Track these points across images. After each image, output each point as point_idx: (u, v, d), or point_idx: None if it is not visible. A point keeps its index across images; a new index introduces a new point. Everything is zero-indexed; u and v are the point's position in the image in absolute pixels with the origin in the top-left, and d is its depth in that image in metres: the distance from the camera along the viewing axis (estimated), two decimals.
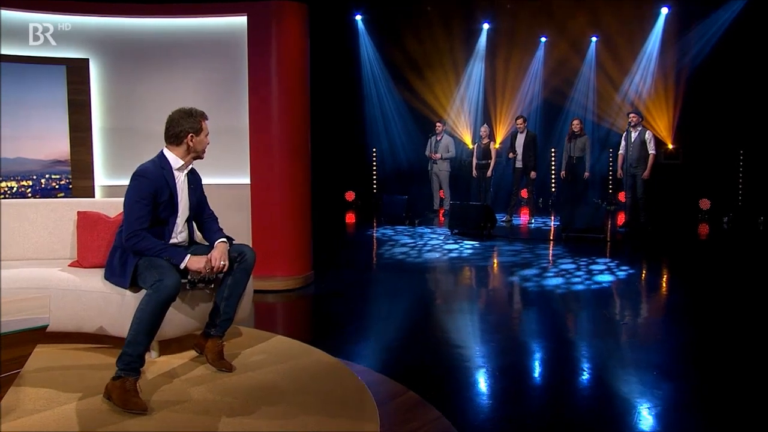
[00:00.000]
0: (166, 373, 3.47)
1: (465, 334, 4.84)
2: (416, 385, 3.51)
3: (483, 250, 8.36)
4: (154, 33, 6.34)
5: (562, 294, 6.08)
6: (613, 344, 4.64)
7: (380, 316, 5.41)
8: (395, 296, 6.17)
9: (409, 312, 5.58)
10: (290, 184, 6.39)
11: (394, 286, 6.57)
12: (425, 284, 6.76)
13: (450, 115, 13.50)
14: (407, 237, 9.47)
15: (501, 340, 4.65)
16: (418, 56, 13.04)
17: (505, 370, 4.02)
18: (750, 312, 5.51)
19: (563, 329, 5.12)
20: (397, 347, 4.49)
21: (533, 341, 4.74)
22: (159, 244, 3.36)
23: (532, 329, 5.06)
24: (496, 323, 5.17)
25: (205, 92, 6.45)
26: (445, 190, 11.77)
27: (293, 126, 6.37)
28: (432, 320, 5.33)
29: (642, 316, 5.56)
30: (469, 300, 6.07)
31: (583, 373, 4.03)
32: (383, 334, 4.82)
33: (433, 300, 6.12)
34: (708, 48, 12.03)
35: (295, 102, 6.38)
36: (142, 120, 6.33)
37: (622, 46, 12.81)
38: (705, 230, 10.82)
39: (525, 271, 7.12)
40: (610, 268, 7.19)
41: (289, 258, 6.44)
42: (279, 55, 6.25)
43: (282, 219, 6.38)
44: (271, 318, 5.66)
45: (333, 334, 4.83)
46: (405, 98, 13.33)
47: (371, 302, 5.95)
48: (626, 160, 9.75)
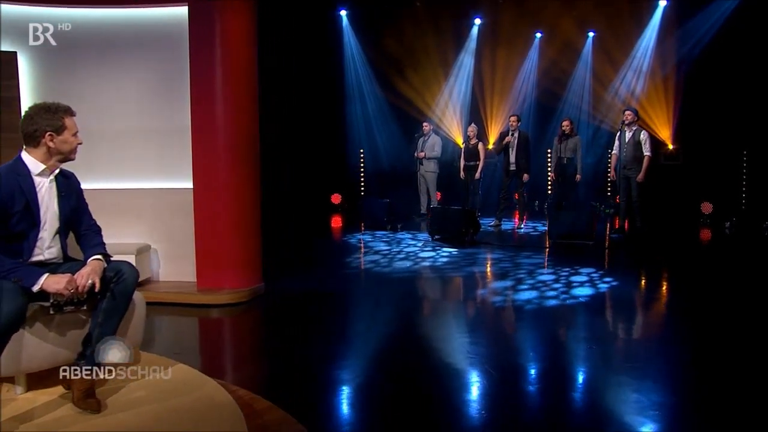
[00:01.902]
0: (24, 414, 2.95)
1: (401, 368, 4.25)
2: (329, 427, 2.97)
3: (459, 259, 7.79)
4: (89, 25, 5.85)
5: (531, 311, 5.50)
6: (569, 376, 4.06)
7: (316, 340, 4.83)
8: (343, 315, 5.59)
9: (349, 335, 5.02)
10: (237, 188, 5.89)
11: (347, 301, 6.02)
12: (381, 300, 6.13)
13: (437, 114, 12.90)
14: (384, 243, 8.92)
15: (437, 367, 4.10)
16: (406, 53, 12.47)
17: (433, 404, 3.46)
18: (750, 340, 4.88)
19: (514, 355, 4.50)
20: (320, 380, 3.94)
21: (470, 369, 4.13)
22: (7, 264, 2.84)
23: (481, 353, 4.46)
24: (443, 350, 4.61)
25: (145, 89, 6.01)
26: (432, 193, 11.15)
27: (240, 125, 5.86)
28: (370, 348, 4.71)
29: (614, 339, 4.94)
30: (424, 322, 5.44)
31: (510, 410, 3.47)
32: (309, 363, 4.26)
33: (381, 321, 5.45)
34: (708, 38, 11.31)
35: (242, 99, 5.87)
36: (78, 118, 5.83)
37: (619, 41, 12.16)
38: (705, 236, 10.17)
39: (498, 283, 6.55)
40: (593, 280, 6.59)
41: (237, 269, 5.93)
42: (224, 48, 5.75)
43: (228, 226, 5.88)
44: (199, 337, 5.14)
45: (257, 359, 4.32)
46: (391, 97, 12.74)
47: (314, 321, 5.35)
48: (619, 160, 9.12)
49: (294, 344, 4.69)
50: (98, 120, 5.79)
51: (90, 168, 5.90)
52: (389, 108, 12.87)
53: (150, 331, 5.23)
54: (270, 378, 4.05)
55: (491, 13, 12.72)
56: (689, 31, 11.60)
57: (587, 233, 8.52)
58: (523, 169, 10.02)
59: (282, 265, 7.31)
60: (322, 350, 4.47)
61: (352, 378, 3.94)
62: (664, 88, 11.84)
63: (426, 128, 11.04)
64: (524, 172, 10.03)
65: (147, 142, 5.98)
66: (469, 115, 12.89)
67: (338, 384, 3.84)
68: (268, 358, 4.51)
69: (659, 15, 12.00)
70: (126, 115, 5.95)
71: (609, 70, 12.43)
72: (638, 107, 10.98)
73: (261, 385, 3.76)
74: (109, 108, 5.90)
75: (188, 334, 5.29)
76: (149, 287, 5.97)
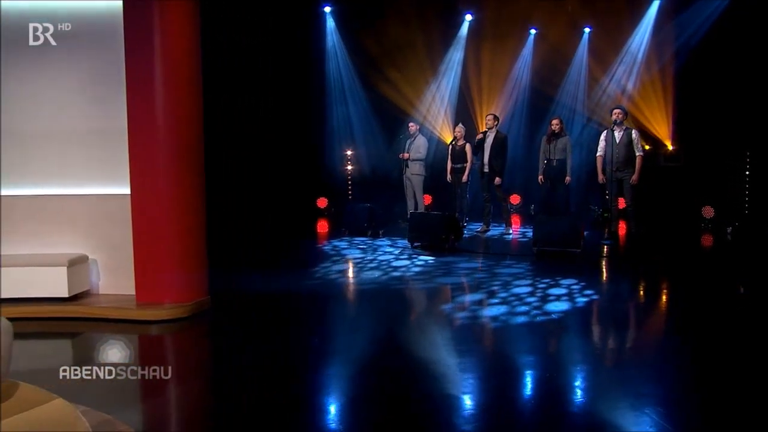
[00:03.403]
0: None
1: (327, 398, 3.78)
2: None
3: (434, 269, 7.28)
4: (13, 17, 5.40)
5: (494, 330, 4.98)
6: (516, 413, 3.54)
7: (252, 365, 4.36)
8: (285, 335, 5.03)
9: (285, 359, 4.52)
10: (179, 194, 5.43)
11: (296, 318, 5.49)
12: (334, 317, 5.62)
13: (425, 114, 12.38)
14: (359, 251, 8.44)
15: (357, 398, 3.60)
16: (393, 51, 11.95)
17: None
18: (749, 375, 4.33)
19: (451, 385, 3.97)
20: (228, 415, 3.47)
21: (388, 401, 3.64)
22: None
23: (413, 380, 3.97)
24: (372, 377, 4.11)
25: (77, 87, 5.56)
26: (419, 197, 10.58)
27: (182, 126, 5.41)
28: (302, 376, 4.24)
29: (579, 367, 4.36)
30: (373, 341, 4.92)
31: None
32: (234, 395, 3.80)
33: (327, 342, 4.95)
34: (706, 27, 10.68)
35: (184, 97, 5.42)
36: (5, 120, 5.42)
37: (616, 36, 11.59)
38: (706, 242, 9.58)
39: (467, 297, 6.05)
40: (572, 293, 6.06)
41: (179, 281, 5.47)
42: (164, 42, 5.29)
43: (169, 235, 5.42)
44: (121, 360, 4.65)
45: (174, 389, 3.84)
46: (377, 96, 12.23)
47: (256, 341, 4.85)
48: (609, 162, 8.57)
49: (225, 370, 4.24)
50: (28, 122, 5.39)
51: (19, 173, 5.53)
52: (376, 108, 12.36)
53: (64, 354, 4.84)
54: (180, 415, 3.59)
55: (483, 9, 12.19)
56: (686, 20, 10.97)
57: (574, 240, 7.96)
58: (497, 172, 9.48)
59: (239, 276, 6.86)
60: (252, 379, 4.00)
61: (275, 410, 3.46)
62: (662, 84, 11.24)
63: (412, 128, 10.48)
64: (497, 175, 9.50)
65: (81, 144, 5.56)
66: (457, 115, 12.35)
67: (256, 421, 3.36)
68: (186, 389, 4.04)
69: (656, 6, 11.41)
70: (58, 115, 5.53)
71: (606, 66, 11.86)
72: (633, 104, 10.43)
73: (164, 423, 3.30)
74: (39, 108, 5.48)
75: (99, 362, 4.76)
76: (86, 301, 5.55)
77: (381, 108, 12.24)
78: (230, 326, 5.29)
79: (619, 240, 9.02)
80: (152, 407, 3.69)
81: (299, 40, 11.58)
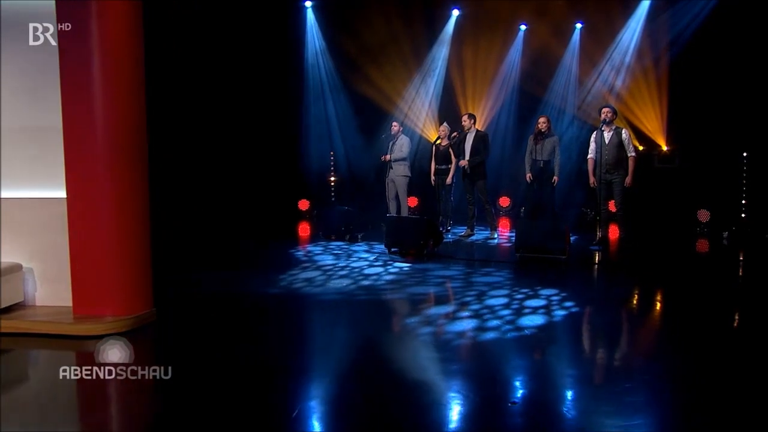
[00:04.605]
0: None
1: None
2: None
3: (407, 276, 6.83)
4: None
5: (459, 347, 4.54)
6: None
7: (188, 388, 3.93)
8: (231, 353, 4.54)
9: (228, 379, 4.08)
10: (121, 198, 5.01)
11: (248, 334, 5.01)
12: (290, 333, 5.06)
13: (406, 113, 11.94)
14: (332, 257, 7.98)
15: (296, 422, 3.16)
16: (376, 48, 11.51)
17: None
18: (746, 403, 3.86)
19: (403, 411, 3.54)
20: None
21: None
22: None
23: (361, 408, 3.52)
24: (321, 400, 3.66)
25: (9, 83, 5.12)
26: (402, 200, 10.09)
27: (124, 125, 4.99)
28: (244, 404, 3.82)
29: (549, 395, 3.92)
30: (317, 364, 4.46)
31: None
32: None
33: (280, 365, 4.50)
34: (700, 18, 10.21)
35: (126, 94, 5.00)
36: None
37: (608, 31, 11.15)
38: (701, 248, 9.12)
39: (436, 309, 5.59)
40: (551, 304, 5.61)
41: (120, 293, 5.04)
42: (101, 32, 4.85)
43: (110, 243, 4.99)
44: (39, 384, 4.24)
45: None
46: (361, 95, 11.78)
47: (199, 359, 4.44)
48: (600, 165, 8.12)
49: (158, 397, 3.80)
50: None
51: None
52: (360, 107, 11.91)
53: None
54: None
55: (471, 3, 11.74)
56: (680, 11, 10.50)
57: (559, 246, 7.52)
58: (479, 175, 9.04)
59: (195, 284, 6.42)
60: (188, 409, 3.57)
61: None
62: (656, 81, 10.77)
63: (395, 128, 10.00)
64: (479, 179, 9.05)
65: (16, 143, 5.12)
66: (442, 113, 11.90)
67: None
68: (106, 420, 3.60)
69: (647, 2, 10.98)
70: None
71: (597, 62, 11.41)
72: (624, 102, 9.98)
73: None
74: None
75: (27, 383, 4.29)
76: (18, 314, 5.10)
77: (363, 106, 11.79)
78: (173, 342, 4.85)
79: (609, 245, 8.57)
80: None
81: (279, 36, 11.15)
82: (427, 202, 11.26)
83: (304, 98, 11.96)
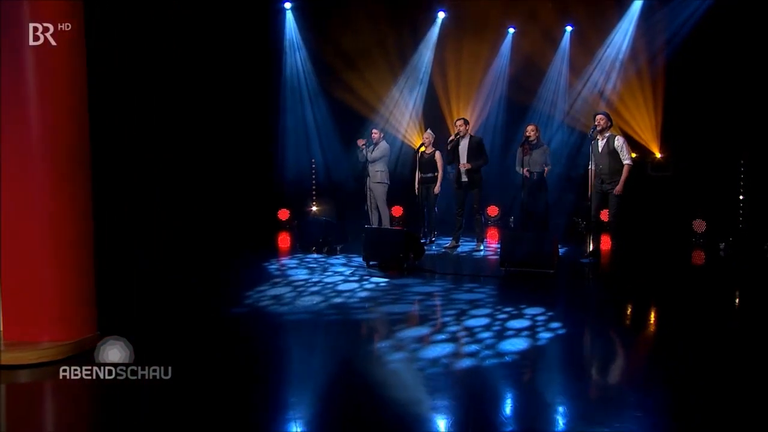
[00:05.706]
0: None
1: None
2: None
3: (383, 293, 6.35)
4: None
5: (430, 376, 4.05)
6: None
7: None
8: (178, 386, 4.05)
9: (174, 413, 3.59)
10: (59, 209, 4.53)
11: (199, 362, 4.51)
12: (246, 359, 4.52)
13: (387, 118, 11.49)
14: (306, 271, 7.50)
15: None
16: (357, 52, 11.07)
17: None
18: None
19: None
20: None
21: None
22: None
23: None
24: None
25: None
26: (381, 210, 9.60)
27: (62, 133, 4.52)
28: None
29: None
30: (280, 392, 4.02)
31: None
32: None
33: (236, 395, 4.06)
34: (695, 19, 9.83)
35: (61, 93, 4.52)
36: None
37: (598, 36, 10.76)
38: (697, 260, 8.68)
39: (409, 332, 5.10)
40: (535, 325, 5.14)
41: (58, 316, 4.55)
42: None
43: (46, 259, 4.50)
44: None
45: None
46: (342, 101, 11.32)
47: (138, 395, 3.94)
48: (595, 174, 7.72)
49: None
50: None
51: None
52: (338, 111, 11.44)
53: None
54: None
55: (458, 6, 11.32)
56: (675, 11, 10.11)
57: (547, 260, 7.05)
58: (475, 183, 8.58)
59: (153, 303, 5.92)
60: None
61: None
62: (651, 86, 10.36)
63: (375, 135, 9.53)
64: (475, 187, 8.59)
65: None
66: (426, 119, 11.45)
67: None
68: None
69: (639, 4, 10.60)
70: None
71: (587, 65, 11.02)
72: (616, 108, 9.56)
73: None
74: None
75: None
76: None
77: (343, 112, 11.32)
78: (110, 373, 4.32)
79: (601, 258, 8.12)
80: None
81: (257, 38, 10.69)
82: (413, 212, 10.79)
83: (281, 103, 11.47)
